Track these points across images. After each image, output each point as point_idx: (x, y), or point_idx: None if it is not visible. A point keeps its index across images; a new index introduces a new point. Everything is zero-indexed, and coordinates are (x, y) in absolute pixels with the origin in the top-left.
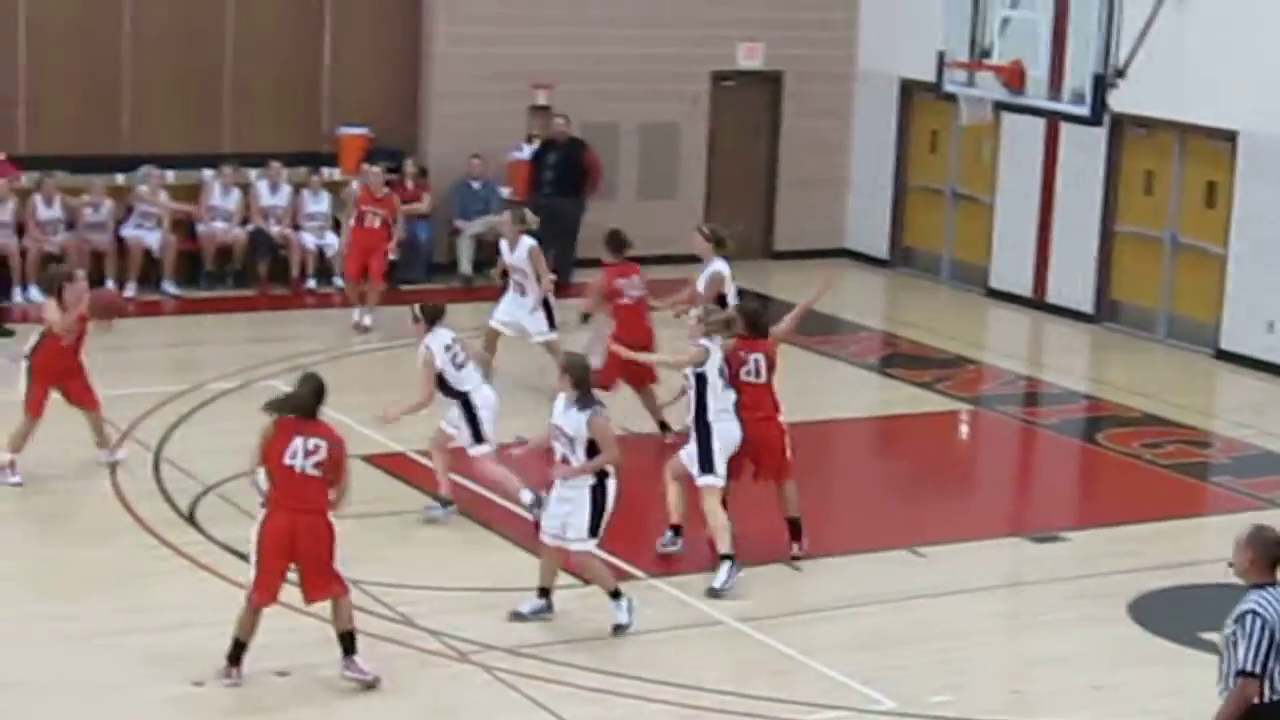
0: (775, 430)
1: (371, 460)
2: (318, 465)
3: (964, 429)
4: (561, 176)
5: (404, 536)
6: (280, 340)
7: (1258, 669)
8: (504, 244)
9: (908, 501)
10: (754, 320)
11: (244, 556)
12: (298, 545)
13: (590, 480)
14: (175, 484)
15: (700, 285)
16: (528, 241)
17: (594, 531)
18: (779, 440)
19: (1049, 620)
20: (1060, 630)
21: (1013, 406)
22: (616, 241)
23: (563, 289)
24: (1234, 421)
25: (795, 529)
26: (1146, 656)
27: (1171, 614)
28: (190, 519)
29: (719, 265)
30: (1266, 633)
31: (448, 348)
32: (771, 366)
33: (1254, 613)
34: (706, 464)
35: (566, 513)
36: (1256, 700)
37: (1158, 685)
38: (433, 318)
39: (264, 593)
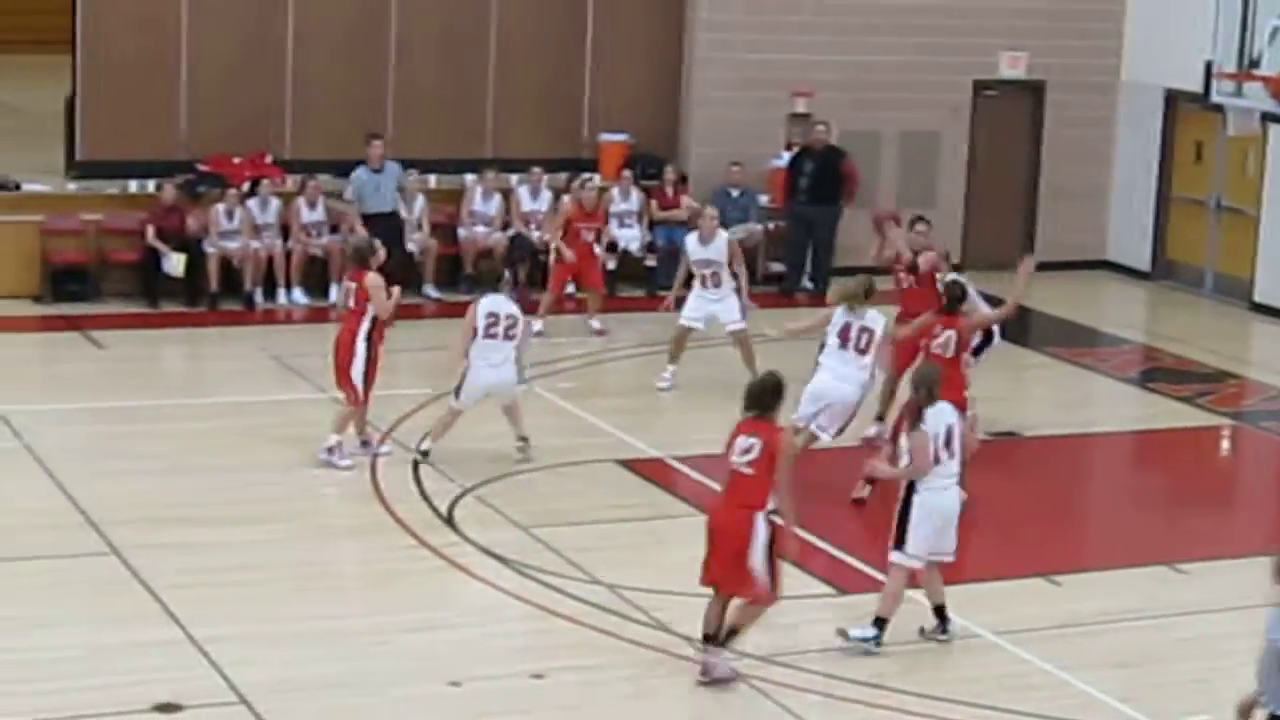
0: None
1: (630, 465)
2: (750, 464)
3: (1225, 444)
4: (818, 184)
5: (662, 541)
6: (542, 343)
7: None
8: (692, 240)
9: (1168, 517)
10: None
11: (501, 559)
12: (716, 538)
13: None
14: (434, 485)
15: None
16: (725, 234)
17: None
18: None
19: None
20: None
21: (1276, 423)
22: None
23: (817, 298)
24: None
25: None
26: None
27: None
28: (449, 520)
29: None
30: None
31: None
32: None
33: None
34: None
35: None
36: None
37: None
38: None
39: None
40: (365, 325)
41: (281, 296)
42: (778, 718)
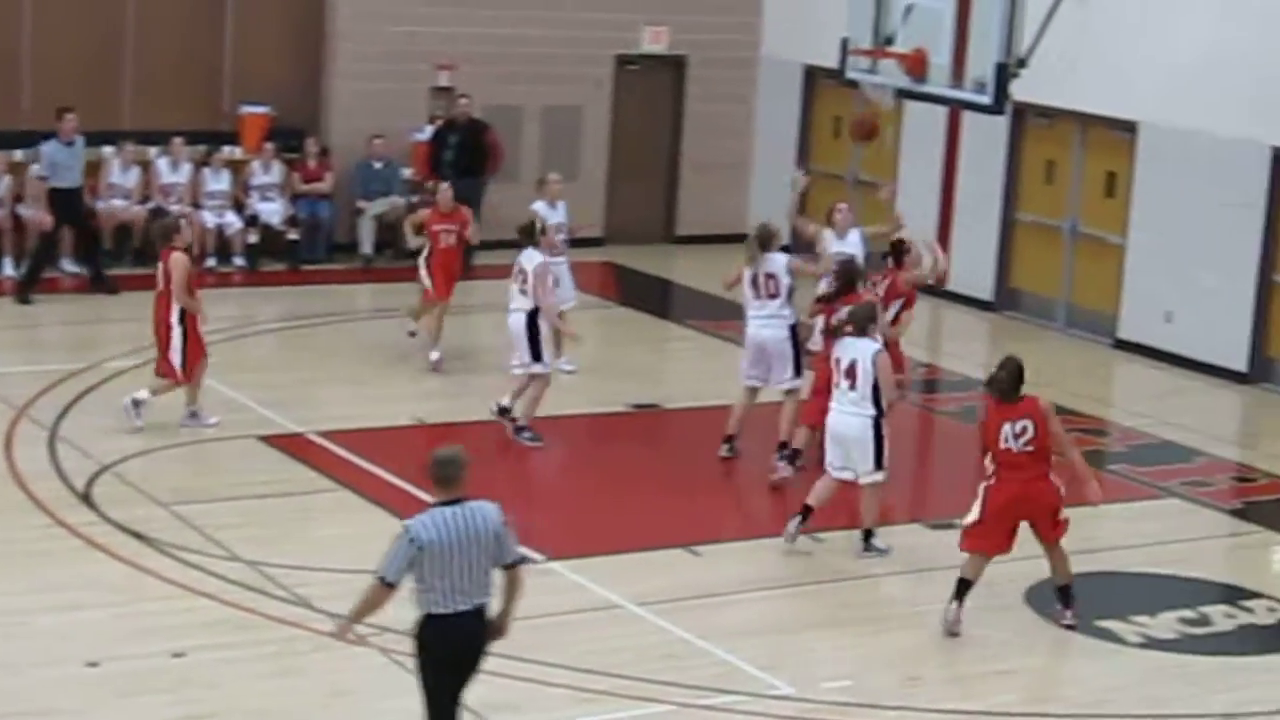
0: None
1: (269, 441)
2: (1028, 444)
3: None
4: (462, 158)
5: (305, 517)
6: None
7: None
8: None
9: (808, 487)
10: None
11: (141, 537)
12: (1022, 508)
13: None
14: (72, 464)
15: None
16: (859, 229)
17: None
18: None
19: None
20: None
21: (913, 394)
22: None
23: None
24: (1131, 411)
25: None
26: (1044, 644)
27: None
28: (86, 499)
29: None
30: None
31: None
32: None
33: None
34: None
35: None
36: None
37: (1055, 673)
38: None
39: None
40: (177, 305)
41: None
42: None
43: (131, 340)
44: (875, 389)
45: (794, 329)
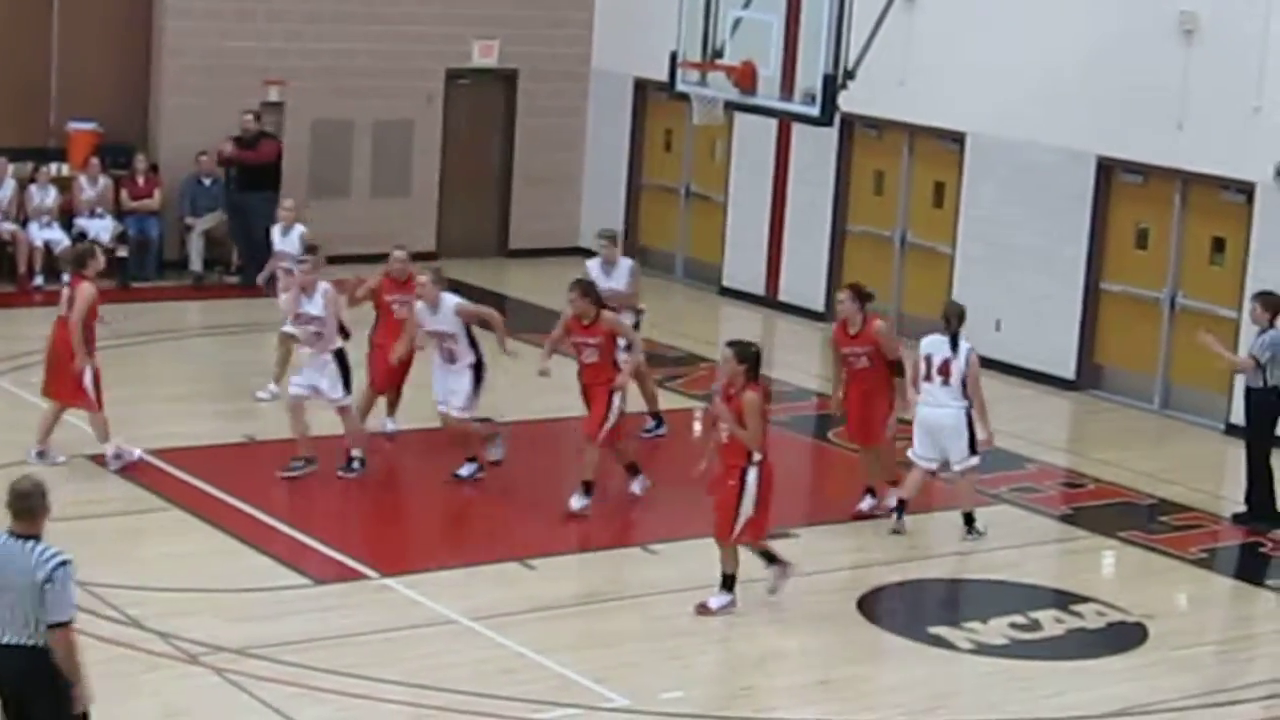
0: None
1: (99, 460)
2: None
3: (697, 427)
4: (249, 172)
5: (136, 536)
6: (6, 339)
7: None
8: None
9: (641, 500)
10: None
11: None
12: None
13: None
14: None
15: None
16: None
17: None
18: None
19: (778, 617)
20: (790, 626)
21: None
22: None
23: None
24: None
25: None
26: (875, 651)
27: (899, 609)
28: None
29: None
30: None
31: None
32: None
33: None
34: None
35: None
36: None
37: (886, 680)
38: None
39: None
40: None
41: None
42: (254, 711)
43: None
44: (964, 383)
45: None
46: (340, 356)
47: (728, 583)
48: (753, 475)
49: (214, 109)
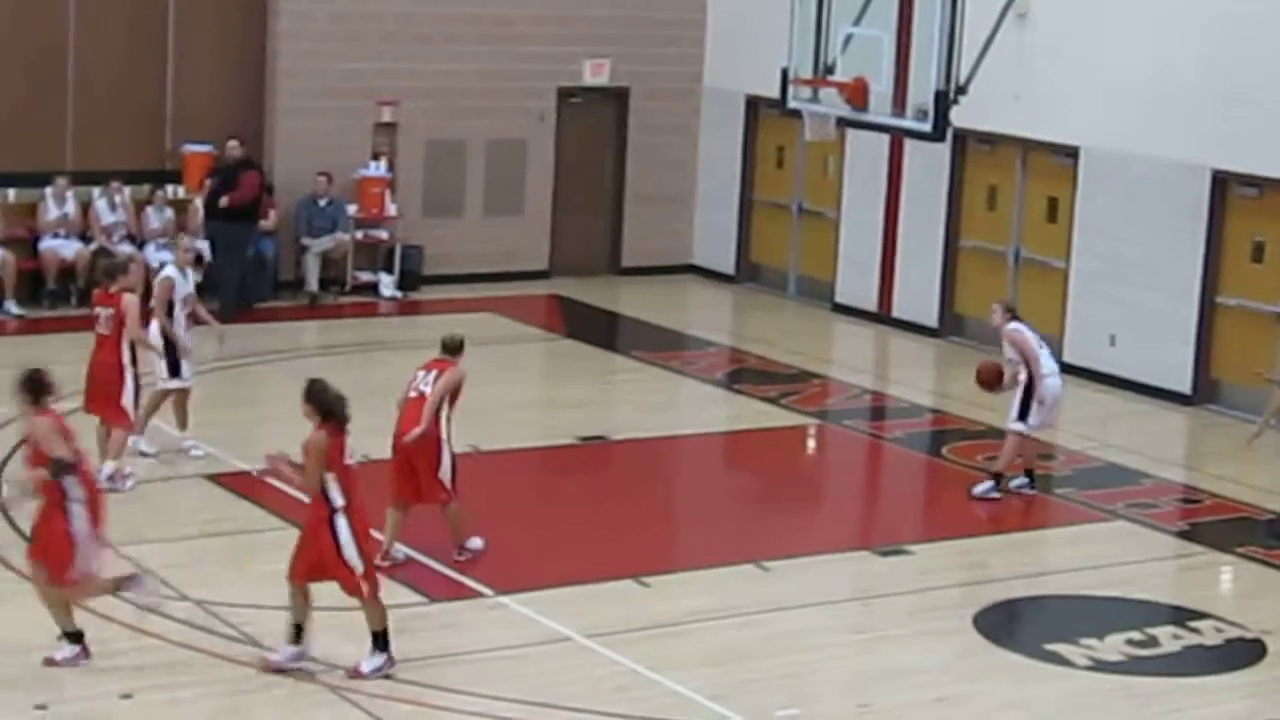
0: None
1: (216, 479)
2: None
3: (811, 443)
4: (220, 198)
5: (249, 556)
6: None
7: None
8: None
9: (755, 516)
10: None
11: None
12: None
13: None
14: (17, 506)
15: None
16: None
17: None
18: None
19: (894, 633)
20: (906, 643)
21: (859, 420)
22: None
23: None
24: (1076, 434)
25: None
26: (991, 668)
27: (1016, 625)
28: None
29: None
30: None
31: None
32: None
33: None
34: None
35: None
36: None
37: (1002, 697)
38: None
39: None
40: (126, 349)
41: None
42: None
43: (76, 383)
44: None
45: None
46: None
47: (379, 641)
48: (342, 523)
49: (328, 130)
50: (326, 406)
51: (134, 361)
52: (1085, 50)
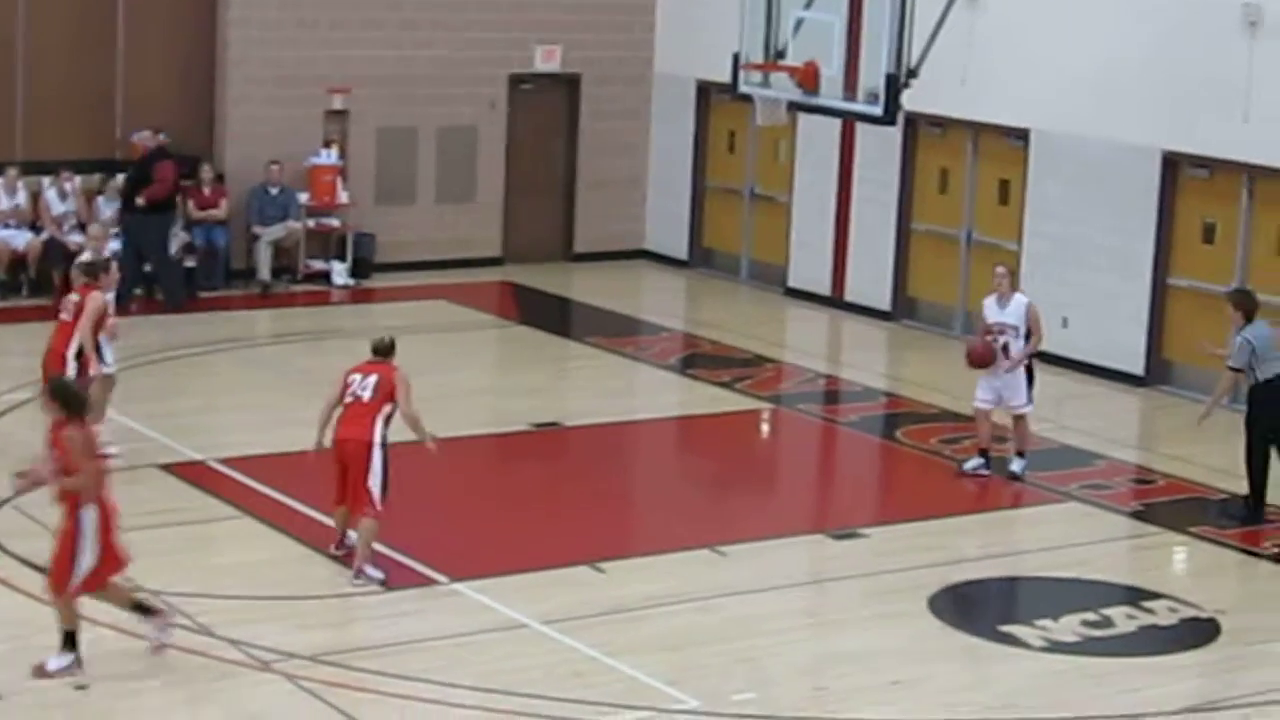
0: None
1: (170, 469)
2: None
3: (765, 428)
4: (134, 193)
5: (204, 546)
6: None
7: None
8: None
9: (710, 501)
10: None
11: (42, 570)
12: None
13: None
14: None
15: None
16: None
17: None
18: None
19: (850, 617)
20: (861, 626)
21: (813, 405)
22: None
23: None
24: (1032, 415)
25: None
26: (946, 651)
27: (971, 608)
28: None
29: None
30: None
31: None
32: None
33: None
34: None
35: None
36: None
37: (957, 679)
38: None
39: None
40: (76, 341)
41: None
42: (326, 717)
43: (31, 373)
44: (1026, 337)
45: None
46: None
47: (68, 640)
48: (89, 516)
49: (279, 118)
50: (79, 402)
51: (79, 355)
52: (1036, 33)
